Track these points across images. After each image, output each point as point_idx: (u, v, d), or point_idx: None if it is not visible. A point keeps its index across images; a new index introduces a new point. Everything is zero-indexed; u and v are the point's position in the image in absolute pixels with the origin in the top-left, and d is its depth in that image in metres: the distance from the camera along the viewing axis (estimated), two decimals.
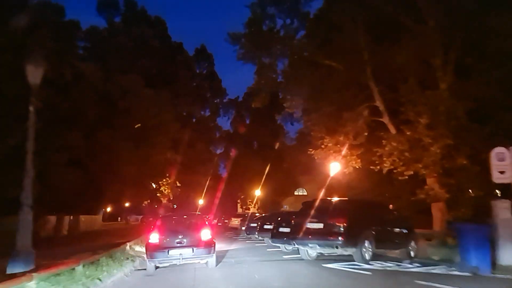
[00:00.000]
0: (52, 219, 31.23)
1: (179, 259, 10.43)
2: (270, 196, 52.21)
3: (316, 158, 21.77)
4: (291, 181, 53.96)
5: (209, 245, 10.73)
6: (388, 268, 10.30)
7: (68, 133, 21.70)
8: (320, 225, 11.12)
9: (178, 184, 32.47)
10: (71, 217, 36.57)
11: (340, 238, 10.53)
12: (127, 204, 45.57)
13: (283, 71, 24.06)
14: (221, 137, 56.09)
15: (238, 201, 58.68)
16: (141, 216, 55.46)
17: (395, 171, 17.73)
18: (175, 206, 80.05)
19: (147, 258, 10.66)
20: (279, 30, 23.37)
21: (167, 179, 30.82)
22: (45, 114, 20.74)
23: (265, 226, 18.16)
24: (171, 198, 35.31)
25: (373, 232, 11.26)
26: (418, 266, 10.48)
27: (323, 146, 20.26)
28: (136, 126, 25.14)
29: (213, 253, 10.93)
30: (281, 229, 14.71)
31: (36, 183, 20.49)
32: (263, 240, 18.91)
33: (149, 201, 31.62)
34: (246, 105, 61.02)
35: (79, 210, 35.72)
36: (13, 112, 18.30)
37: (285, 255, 13.80)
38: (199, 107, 49.99)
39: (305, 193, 58.73)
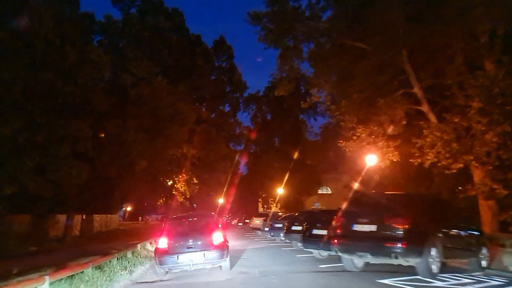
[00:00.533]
0: (62, 218, 29.43)
1: (190, 265, 9.82)
2: (292, 194, 49.86)
3: (347, 150, 19.87)
4: (314, 179, 51.73)
5: (222, 248, 10.10)
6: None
7: (72, 122, 19.52)
8: (373, 227, 8.75)
9: (195, 181, 30.00)
10: (83, 216, 34.88)
11: (400, 244, 8.15)
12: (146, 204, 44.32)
13: (309, 55, 22.02)
14: (241, 133, 53.60)
15: (260, 200, 56.27)
16: (161, 216, 53.96)
17: (439, 164, 15.55)
18: (195, 205, 78.48)
19: (156, 264, 10.20)
20: (304, 10, 21.13)
21: (183, 175, 28.44)
22: (46, 100, 18.88)
23: (294, 227, 15.74)
24: (188, 196, 32.89)
25: (441, 237, 8.74)
26: (502, 282, 8.05)
27: (355, 137, 18.61)
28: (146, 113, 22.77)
29: (226, 257, 10.32)
30: (315, 231, 12.78)
31: (37, 177, 18.85)
32: (291, 243, 16.62)
33: (164, 199, 29.30)
34: (267, 100, 58.68)
35: (93, 209, 33.94)
36: (8, 97, 16.37)
37: (322, 264, 11.37)
38: (218, 101, 47.57)
39: (329, 192, 56.56)
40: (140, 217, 78.00)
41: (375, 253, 8.65)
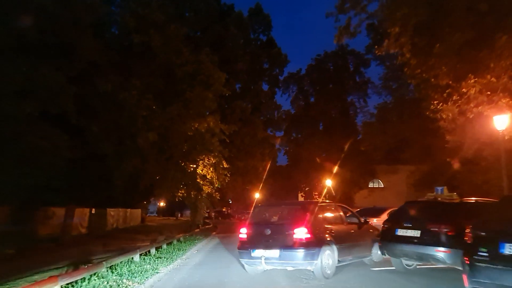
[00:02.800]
0: (59, 212, 23.41)
1: (261, 262, 8.54)
2: (341, 188, 42.86)
3: (443, 117, 16.11)
4: (367, 170, 44.56)
5: (307, 247, 8.25)
6: None
7: (39, 67, 13.12)
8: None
9: (225, 165, 23.03)
10: (92, 210, 28.90)
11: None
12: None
13: None
14: (280, 117, 46.51)
15: (302, 194, 49.28)
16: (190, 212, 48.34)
17: None
18: (230, 201, 72.42)
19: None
20: None
21: (210, 158, 21.59)
22: None
23: (401, 232, 8.71)
24: (218, 187, 26.12)
25: None
26: None
27: (455, 97, 14.91)
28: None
29: (316, 259, 8.26)
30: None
31: None
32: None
33: (185, 190, 22.51)
34: (310, 79, 51.42)
35: (109, 202, 28.19)
36: None
37: None
38: (254, 78, 40.58)
39: (382, 185, 49.92)
40: (178, 213, 73.22)
41: None
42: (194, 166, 20.99)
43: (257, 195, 57.87)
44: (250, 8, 43.77)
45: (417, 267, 9.72)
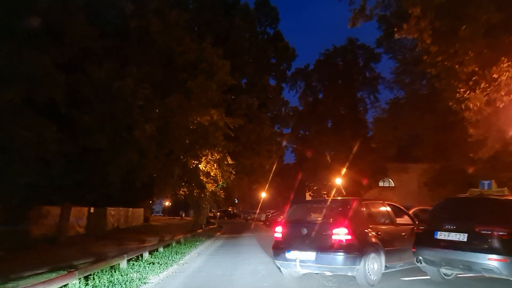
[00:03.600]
0: (54, 211, 22.14)
1: (295, 265, 7.87)
2: (350, 186, 41.39)
3: (471, 106, 14.65)
4: (378, 168, 43.04)
5: (347, 250, 7.38)
6: None
7: (23, 49, 11.75)
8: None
9: (230, 161, 21.54)
10: (91, 209, 27.70)
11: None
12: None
13: None
14: (287, 113, 44.92)
15: (310, 193, 47.75)
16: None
17: None
18: (236, 200, 71.04)
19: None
20: None
21: (214, 153, 20.10)
22: None
23: (441, 236, 7.04)
24: (224, 185, 24.72)
25: None
26: None
27: (483, 85, 13.60)
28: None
29: (357, 264, 7.39)
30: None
31: None
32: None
33: (187, 188, 21.04)
34: (318, 75, 49.76)
35: (109, 201, 26.97)
36: None
37: None
38: (260, 72, 39.01)
39: (392, 185, 48.37)
40: (182, 212, 72.32)
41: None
42: (197, 162, 19.54)
43: (263, 195, 56.53)
44: (256, 0, 42.23)
45: (458, 275, 8.17)
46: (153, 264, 9.75)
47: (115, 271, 8.09)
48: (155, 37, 16.88)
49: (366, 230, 7.93)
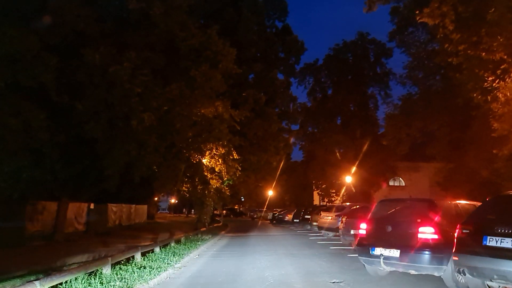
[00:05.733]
0: (51, 206, 21.17)
1: (380, 262, 7.78)
2: (360, 185, 40.18)
3: (500, 97, 13.66)
4: (388, 167, 41.75)
5: (433, 249, 7.21)
6: None
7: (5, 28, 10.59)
8: None
9: (235, 156, 20.31)
10: (91, 205, 26.74)
11: None
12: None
13: None
14: (295, 110, 43.58)
15: (319, 191, 46.45)
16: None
17: None
18: (242, 198, 69.82)
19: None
20: None
21: (219, 148, 18.84)
22: None
23: (491, 242, 5.57)
24: (230, 182, 23.54)
25: None
26: None
27: None
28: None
29: (444, 264, 7.15)
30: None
31: None
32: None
33: (190, 183, 19.81)
34: (328, 70, 48.35)
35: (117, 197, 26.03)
36: None
37: None
38: (268, 66, 37.63)
39: (403, 184, 47.20)
40: (186, 210, 71.40)
41: None
42: (200, 156, 18.31)
43: (270, 193, 55.32)
44: None
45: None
46: (144, 268, 8.46)
47: (94, 279, 6.85)
48: (156, 21, 15.65)
49: (454, 230, 7.29)
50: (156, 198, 73.04)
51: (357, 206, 17.43)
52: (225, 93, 20.66)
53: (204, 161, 19.10)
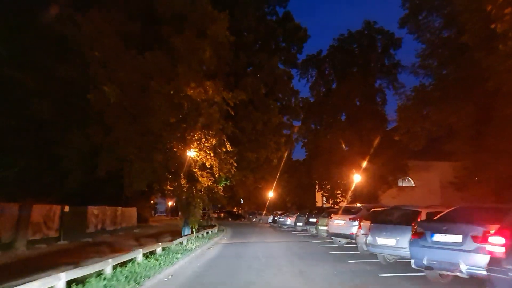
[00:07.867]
0: (9, 208, 17.87)
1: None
2: (367, 185, 36.97)
3: None
4: (397, 166, 38.52)
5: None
6: None
7: None
8: None
9: (229, 148, 16.95)
10: (66, 208, 23.50)
11: None
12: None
13: None
14: (297, 104, 40.26)
15: (323, 192, 43.24)
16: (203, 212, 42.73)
17: None
18: (241, 201, 66.52)
19: None
20: None
21: (209, 138, 15.51)
22: None
23: None
24: (227, 183, 20.33)
25: None
26: None
27: None
28: None
29: None
30: None
31: None
32: None
33: (171, 178, 16.43)
34: (332, 62, 45.07)
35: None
36: None
37: None
38: (268, 55, 34.37)
39: (412, 184, 44.24)
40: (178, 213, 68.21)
41: None
42: (185, 147, 14.98)
43: (270, 194, 52.06)
44: None
45: None
46: None
47: None
48: None
49: None
50: (152, 201, 69.80)
51: (382, 208, 14.14)
52: (217, 75, 17.44)
53: (191, 154, 15.79)
